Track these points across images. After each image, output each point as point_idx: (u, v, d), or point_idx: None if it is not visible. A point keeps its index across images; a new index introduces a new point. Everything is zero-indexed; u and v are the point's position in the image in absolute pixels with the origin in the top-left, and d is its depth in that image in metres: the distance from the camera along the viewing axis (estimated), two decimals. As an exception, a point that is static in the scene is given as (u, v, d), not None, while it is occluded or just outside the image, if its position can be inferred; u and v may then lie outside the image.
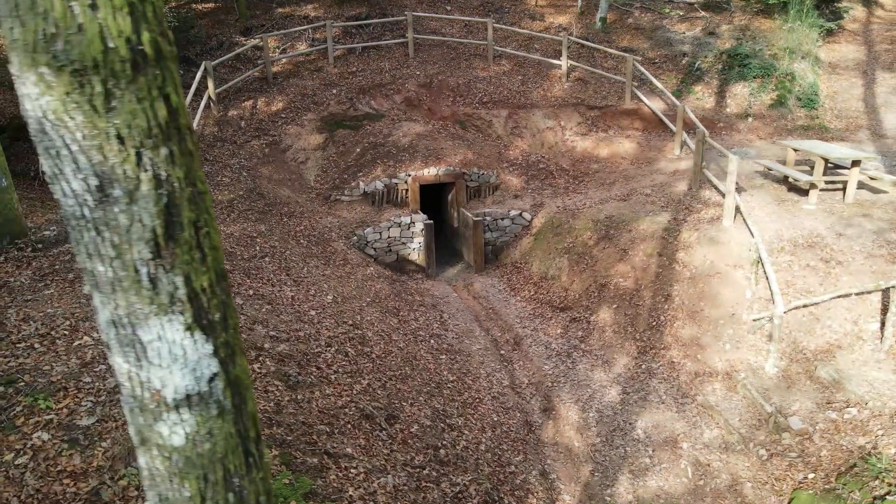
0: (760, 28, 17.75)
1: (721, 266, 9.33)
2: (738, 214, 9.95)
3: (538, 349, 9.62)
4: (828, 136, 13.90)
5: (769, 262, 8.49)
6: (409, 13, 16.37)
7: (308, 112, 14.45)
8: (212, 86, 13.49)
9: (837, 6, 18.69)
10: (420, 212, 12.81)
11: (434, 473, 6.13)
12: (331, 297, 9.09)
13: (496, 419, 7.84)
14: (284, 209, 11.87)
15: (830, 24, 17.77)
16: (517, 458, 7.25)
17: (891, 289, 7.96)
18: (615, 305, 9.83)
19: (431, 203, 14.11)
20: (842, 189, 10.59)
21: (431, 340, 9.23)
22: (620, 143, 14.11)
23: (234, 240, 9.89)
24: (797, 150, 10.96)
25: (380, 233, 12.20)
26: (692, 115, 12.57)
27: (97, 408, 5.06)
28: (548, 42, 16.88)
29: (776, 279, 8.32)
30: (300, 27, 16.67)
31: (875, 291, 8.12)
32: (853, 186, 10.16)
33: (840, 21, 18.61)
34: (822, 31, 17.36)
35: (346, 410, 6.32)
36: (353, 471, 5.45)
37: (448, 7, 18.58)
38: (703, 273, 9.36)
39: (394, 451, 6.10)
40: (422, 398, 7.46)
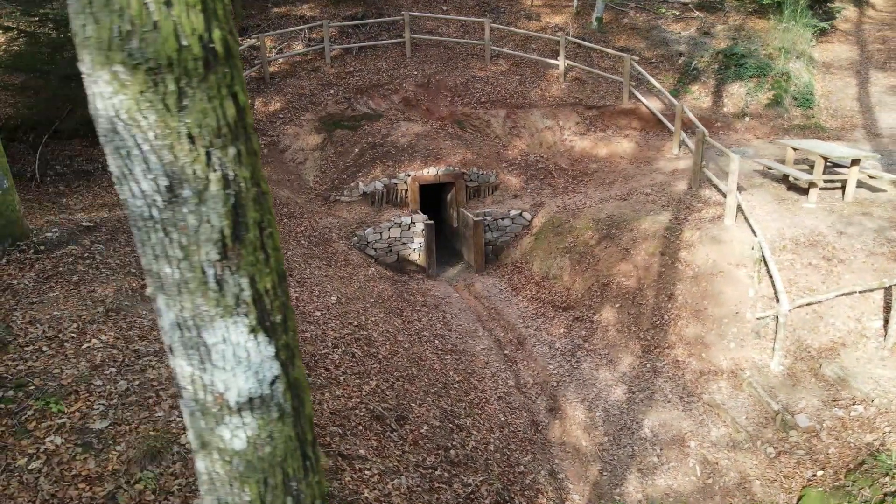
0: (754, 28, 17.85)
1: (723, 265, 9.37)
2: (740, 213, 10.00)
3: (542, 349, 9.63)
4: (824, 136, 13.99)
5: (773, 261, 8.53)
6: (406, 13, 16.34)
7: (306, 112, 14.40)
8: (209, 86, 13.39)
9: (830, 6, 18.84)
10: (420, 212, 12.79)
11: (446, 474, 6.12)
12: (335, 298, 9.05)
13: (503, 419, 7.83)
14: (284, 210, 11.81)
15: (824, 24, 17.92)
16: (526, 458, 7.25)
17: (893, 286, 8.03)
18: (618, 305, 9.84)
19: (431, 203, 14.09)
20: (840, 188, 10.66)
21: (436, 341, 9.22)
22: (619, 143, 14.15)
23: (236, 241, 9.81)
24: (797, 150, 11.03)
25: (380, 233, 12.16)
26: (691, 115, 12.62)
27: (109, 411, 5.00)
28: (544, 42, 16.90)
29: (777, 277, 8.36)
30: (296, 27, 16.59)
31: (879, 289, 8.18)
32: (853, 185, 10.24)
33: (832, 21, 18.76)
34: (816, 31, 17.51)
35: (357, 412, 6.29)
36: (367, 472, 5.42)
37: (444, 7, 18.56)
38: (706, 272, 9.39)
39: (405, 453, 6.08)
40: (429, 399, 7.44)
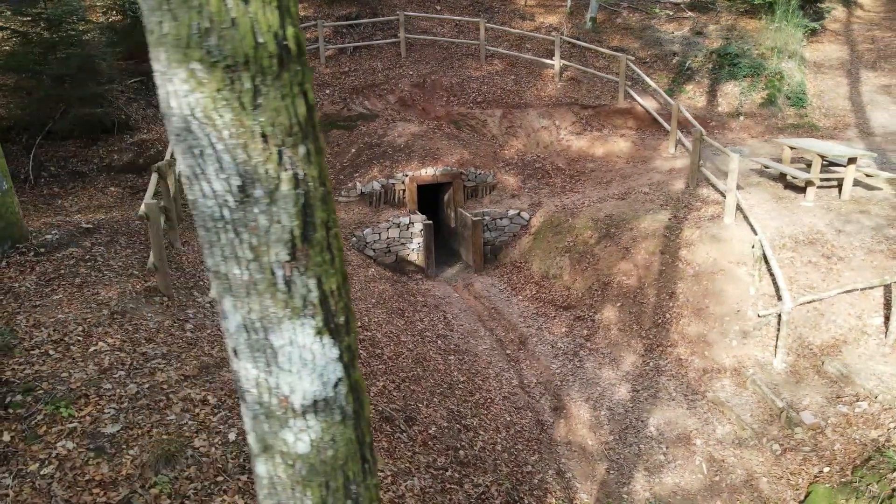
0: (746, 28, 17.97)
1: (724, 263, 9.42)
2: (739, 212, 10.06)
3: (544, 348, 9.64)
4: (817, 135, 14.11)
5: (774, 259, 8.58)
6: (402, 13, 16.31)
7: (302, 112, 14.30)
8: (204, 86, 13.30)
9: (820, 6, 19.00)
10: (418, 212, 12.77)
11: (456, 475, 6.10)
12: (337, 299, 9.00)
13: (509, 419, 7.83)
14: (282, 210, 11.73)
15: (814, 25, 18.06)
16: (533, 458, 7.25)
17: (893, 284, 8.10)
18: (619, 303, 9.87)
19: (428, 203, 14.06)
20: (837, 186, 10.75)
21: (438, 341, 9.20)
22: (615, 142, 14.20)
23: (236, 242, 9.74)
24: (794, 148, 11.11)
25: (379, 234, 12.13)
26: (687, 114, 12.68)
27: (120, 415, 4.94)
28: (539, 42, 16.93)
29: (780, 275, 8.41)
30: (290, 27, 16.48)
31: (879, 287, 8.25)
32: (849, 183, 10.32)
33: (822, 21, 18.92)
34: (807, 32, 17.65)
35: (366, 413, 6.25)
36: (381, 474, 5.39)
37: (438, 7, 18.55)
38: (707, 270, 9.44)
39: (416, 454, 6.06)
40: (436, 399, 7.42)
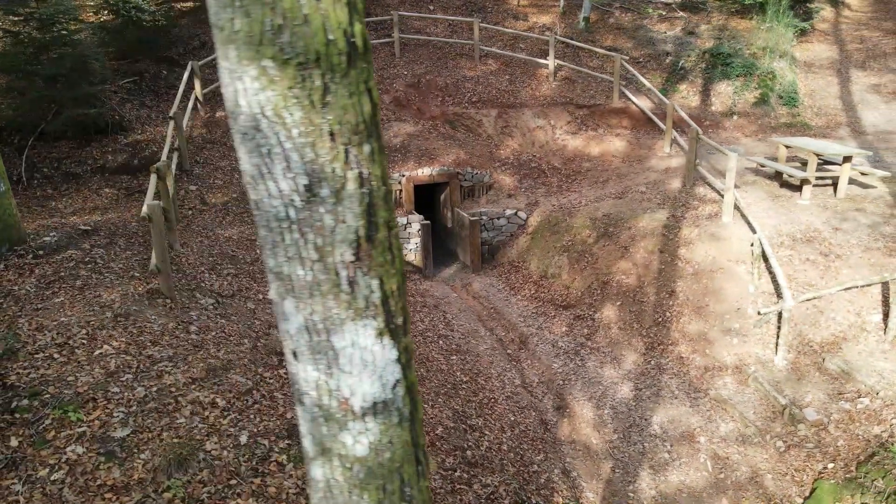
0: (737, 28, 18.09)
1: (723, 261, 9.47)
2: (736, 210, 10.12)
3: (545, 347, 9.64)
4: (810, 133, 14.24)
5: (774, 257, 8.64)
6: (396, 13, 16.27)
7: (296, 113, 14.23)
8: (199, 86, 13.20)
9: (809, 6, 19.16)
10: (415, 212, 12.74)
11: (465, 475, 6.09)
12: (338, 300, 8.96)
13: (513, 419, 7.82)
14: (279, 211, 11.66)
15: (804, 25, 18.21)
16: (538, 458, 7.24)
17: (890, 282, 8.18)
18: (619, 302, 9.90)
19: (424, 203, 14.03)
20: (832, 184, 10.85)
21: (440, 341, 9.17)
22: (611, 142, 14.24)
23: (235, 243, 9.69)
24: (789, 147, 11.20)
25: (376, 234, 12.07)
26: (683, 113, 12.75)
27: (130, 418, 4.89)
28: (533, 41, 16.95)
29: (780, 273, 8.47)
30: (284, 27, 16.40)
31: (879, 283, 8.32)
32: (845, 182, 10.42)
33: (811, 21, 19.08)
34: (797, 32, 17.79)
35: (374, 414, 6.22)
36: (392, 475, 5.36)
37: (431, 7, 18.52)
38: (706, 269, 9.49)
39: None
40: (441, 399, 7.40)
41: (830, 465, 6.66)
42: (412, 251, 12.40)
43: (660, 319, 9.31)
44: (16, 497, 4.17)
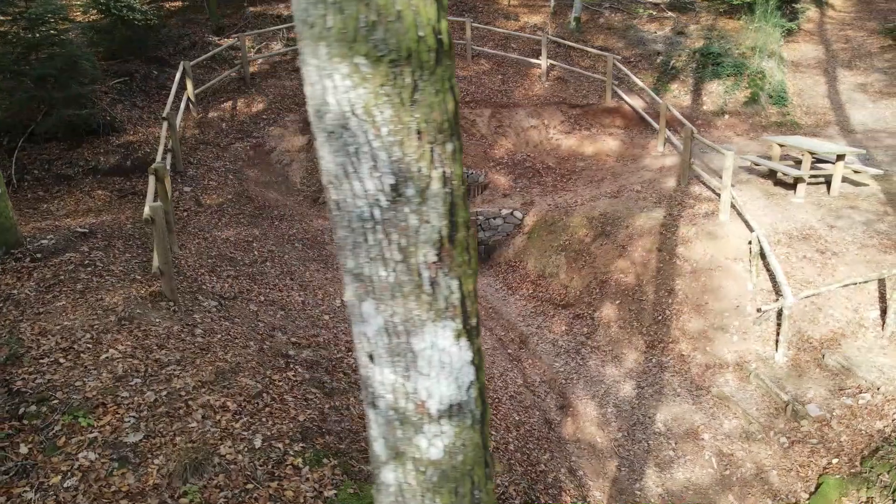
0: (725, 28, 18.25)
1: (721, 259, 9.54)
2: (733, 209, 10.19)
3: (545, 347, 9.66)
4: (800, 132, 14.38)
5: (773, 255, 8.72)
6: (387, 12, 16.20)
7: (290, 113, 14.16)
8: (191, 87, 13.07)
9: (795, 6, 19.38)
10: (411, 212, 12.70)
11: (475, 476, 6.06)
12: (339, 301, 8.91)
13: (517, 418, 7.82)
14: (275, 212, 11.60)
15: (791, 24, 18.42)
16: (545, 457, 7.25)
17: (886, 279, 8.27)
18: (618, 301, 9.94)
19: (418, 203, 14.00)
20: (825, 183, 10.96)
21: (441, 342, 9.14)
22: (604, 141, 14.30)
23: (232, 245, 9.60)
24: (783, 146, 11.30)
25: (373, 234, 12.02)
26: (676, 113, 12.82)
27: (141, 423, 4.82)
28: (525, 41, 16.98)
29: (779, 270, 8.54)
30: (275, 27, 16.32)
31: (877, 280, 8.41)
32: (838, 180, 10.53)
33: (797, 21, 19.30)
34: (784, 31, 17.99)
35: (383, 416, 6.18)
36: (405, 477, 5.33)
37: (422, 6, 18.47)
38: (704, 267, 9.55)
39: (435, 455, 6.01)
40: (446, 400, 7.37)
41: (835, 461, 6.73)
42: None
43: (659, 318, 9.35)
44: (29, 505, 4.09)
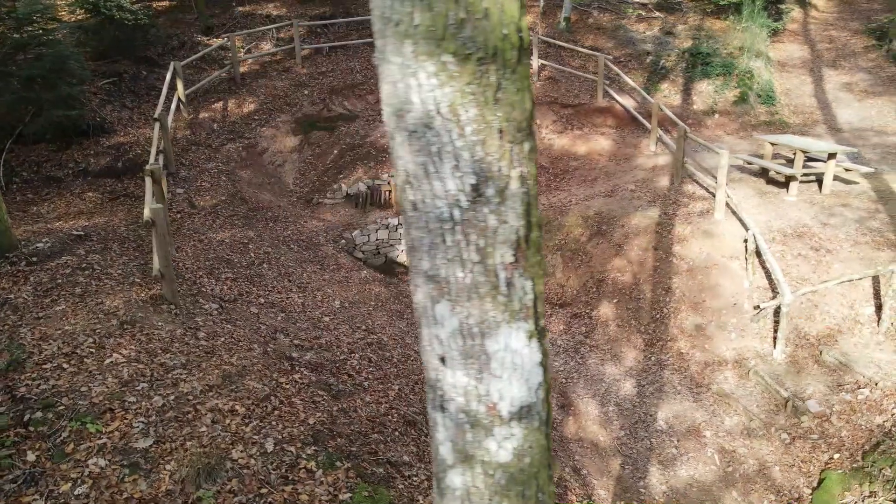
0: (713, 28, 18.40)
1: (717, 258, 9.61)
2: (727, 207, 10.27)
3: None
4: (789, 131, 14.54)
5: (770, 253, 8.80)
6: (378, 12, 16.14)
7: (281, 113, 14.06)
8: (181, 87, 12.92)
9: (780, 7, 19.61)
10: (405, 213, 12.67)
11: (483, 476, 6.05)
12: (338, 303, 8.86)
13: (520, 418, 7.81)
14: (268, 214, 11.50)
15: (777, 25, 18.63)
16: (549, 456, 7.24)
17: (880, 275, 8.38)
18: (616, 300, 9.98)
19: (412, 204, 13.97)
20: (816, 181, 11.09)
21: (441, 342, 9.12)
22: (597, 141, 14.36)
23: (228, 246, 9.50)
24: (775, 145, 11.42)
25: (368, 235, 11.99)
26: (669, 112, 12.90)
27: (150, 428, 4.75)
28: (515, 41, 16.98)
29: (777, 267, 8.62)
30: (264, 26, 16.19)
31: (876, 276, 8.50)
32: (830, 178, 10.66)
33: (782, 21, 19.53)
34: (770, 32, 18.19)
35: (390, 417, 6.16)
36: (416, 478, 5.31)
37: (411, 6, 18.44)
38: (701, 265, 9.62)
39: (443, 456, 5.99)
40: (450, 401, 7.35)
41: (836, 456, 6.80)
42: (403, 252, 12.33)
43: (657, 316, 9.40)
44: (39, 514, 4.01)
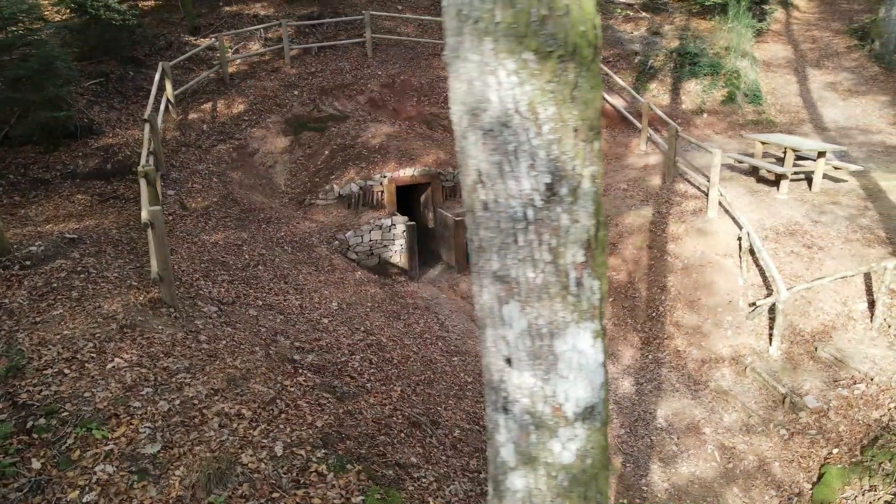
0: (699, 28, 18.56)
1: (711, 256, 9.69)
2: (720, 206, 10.36)
3: (541, 346, 9.67)
4: (776, 130, 14.70)
5: (765, 250, 8.88)
6: (368, 13, 16.09)
7: (271, 114, 13.95)
8: (170, 88, 12.77)
9: (764, 7, 19.83)
10: (398, 213, 12.63)
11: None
12: (335, 305, 8.80)
13: (521, 418, 7.81)
14: (261, 215, 11.40)
15: (761, 25, 18.83)
16: (551, 455, 7.25)
17: (872, 272, 8.50)
18: (611, 298, 10.02)
19: (403, 204, 13.91)
20: (806, 179, 11.22)
21: (439, 343, 9.11)
22: (587, 140, 14.39)
23: (222, 249, 9.40)
24: (765, 143, 11.54)
25: (361, 236, 11.93)
26: (660, 112, 13.00)
27: (157, 434, 4.67)
28: (504, 42, 17.00)
29: (772, 265, 8.70)
30: (252, 26, 16.05)
31: (870, 273, 8.61)
32: (819, 176, 10.79)
33: (766, 22, 19.75)
34: (754, 32, 18.38)
35: (395, 419, 6.13)
36: (425, 480, 5.29)
37: (400, 7, 18.41)
38: (696, 263, 9.69)
39: (450, 457, 5.98)
40: (451, 402, 7.34)
41: (835, 451, 6.88)
42: (397, 253, 12.28)
43: (653, 314, 9.46)
44: (48, 522, 3.93)
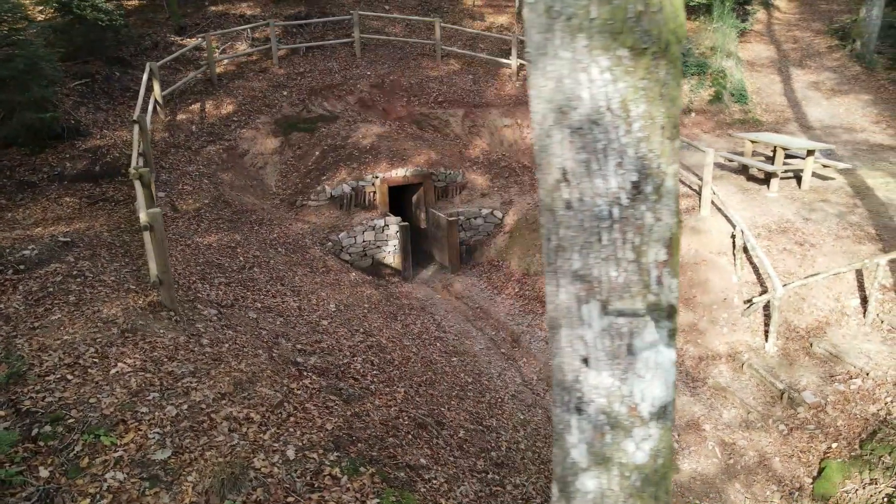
0: (684, 28, 18.73)
1: (706, 254, 9.77)
2: (712, 204, 10.46)
3: (538, 345, 9.70)
4: (763, 129, 14.88)
5: (759, 248, 8.97)
6: (356, 12, 16.02)
7: (260, 115, 13.82)
8: (157, 88, 12.60)
9: (747, 8, 20.07)
10: (391, 214, 12.58)
11: (497, 476, 6.04)
12: (333, 306, 8.74)
13: (522, 417, 7.83)
14: (253, 217, 11.29)
15: (744, 25, 19.06)
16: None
17: (865, 268, 8.62)
18: (607, 297, 10.05)
19: (395, 204, 13.87)
20: (795, 177, 11.37)
21: (437, 343, 9.09)
22: (578, 140, 14.46)
23: (216, 251, 9.30)
24: (755, 142, 11.67)
25: (354, 237, 11.86)
26: (649, 111, 13.07)
27: (167, 439, 4.60)
28: (493, 41, 17.04)
29: (767, 263, 8.79)
30: (238, 26, 15.90)
31: (862, 269, 8.72)
32: (809, 174, 10.94)
33: (748, 22, 19.99)
34: (738, 32, 18.60)
35: (401, 421, 6.10)
36: (435, 481, 5.27)
37: (387, 7, 18.35)
38: (690, 261, 9.76)
39: (457, 458, 5.96)
40: (454, 402, 7.33)
41: (834, 445, 6.97)
42: (391, 254, 12.24)
43: (649, 312, 9.50)
44: (60, 532, 3.85)
